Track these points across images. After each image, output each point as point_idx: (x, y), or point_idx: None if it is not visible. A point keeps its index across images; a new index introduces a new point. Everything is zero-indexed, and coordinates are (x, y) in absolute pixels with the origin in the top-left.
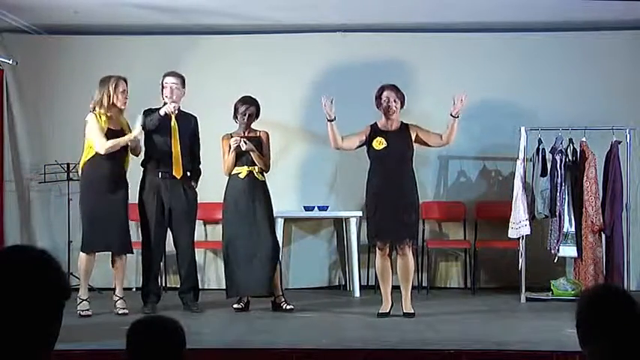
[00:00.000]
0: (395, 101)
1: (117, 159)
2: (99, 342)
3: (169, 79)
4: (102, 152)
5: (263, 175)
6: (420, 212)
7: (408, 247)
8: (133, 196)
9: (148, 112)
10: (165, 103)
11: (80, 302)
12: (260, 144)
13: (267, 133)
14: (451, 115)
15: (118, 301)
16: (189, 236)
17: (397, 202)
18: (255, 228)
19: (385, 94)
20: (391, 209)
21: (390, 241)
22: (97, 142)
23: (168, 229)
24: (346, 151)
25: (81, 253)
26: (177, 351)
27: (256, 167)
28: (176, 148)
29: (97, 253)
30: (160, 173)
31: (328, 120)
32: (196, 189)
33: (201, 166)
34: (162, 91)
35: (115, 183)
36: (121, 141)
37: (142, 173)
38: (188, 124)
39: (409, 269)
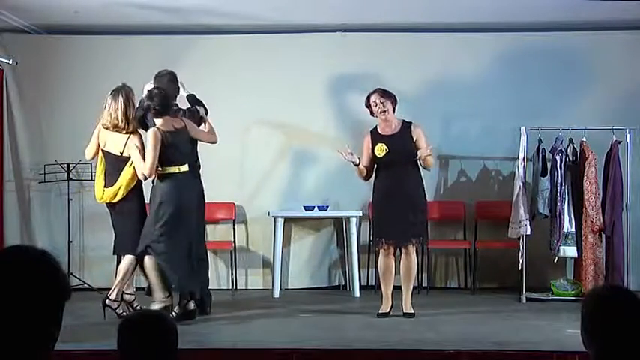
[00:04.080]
0: (383, 102)
1: None
2: (99, 342)
3: None
4: (146, 177)
5: (157, 179)
6: (427, 211)
7: (413, 246)
8: None
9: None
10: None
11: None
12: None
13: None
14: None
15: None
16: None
17: (403, 203)
18: None
19: (372, 98)
20: (397, 210)
21: (395, 241)
22: (147, 165)
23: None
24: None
25: (133, 256)
26: (168, 347)
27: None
28: None
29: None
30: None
31: (355, 165)
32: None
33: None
34: None
35: None
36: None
37: None
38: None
39: (412, 269)
